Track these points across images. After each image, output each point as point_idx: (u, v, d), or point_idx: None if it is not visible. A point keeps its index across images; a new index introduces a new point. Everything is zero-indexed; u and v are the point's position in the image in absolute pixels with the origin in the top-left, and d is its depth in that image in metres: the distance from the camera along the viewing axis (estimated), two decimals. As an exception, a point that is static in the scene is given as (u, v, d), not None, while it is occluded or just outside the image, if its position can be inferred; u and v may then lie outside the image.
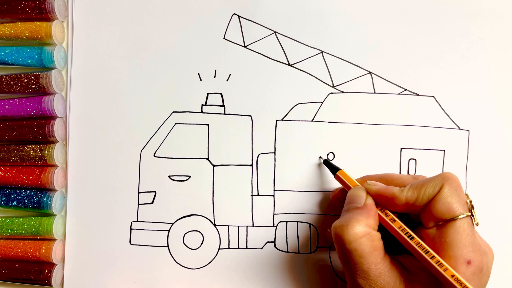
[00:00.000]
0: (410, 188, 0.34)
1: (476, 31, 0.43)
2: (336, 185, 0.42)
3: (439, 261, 0.31)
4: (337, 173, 0.39)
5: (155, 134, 0.43)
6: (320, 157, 0.42)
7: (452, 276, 0.30)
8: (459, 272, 0.31)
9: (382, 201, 0.35)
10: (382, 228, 0.35)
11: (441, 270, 0.31)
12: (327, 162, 0.42)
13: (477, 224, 0.33)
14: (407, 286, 0.33)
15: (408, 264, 0.34)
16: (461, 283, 0.30)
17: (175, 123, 0.43)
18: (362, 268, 0.33)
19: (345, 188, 0.39)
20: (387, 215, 0.35)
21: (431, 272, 0.32)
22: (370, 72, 0.43)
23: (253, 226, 0.43)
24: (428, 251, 0.32)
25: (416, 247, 0.32)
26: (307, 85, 0.43)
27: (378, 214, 0.35)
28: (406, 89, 0.43)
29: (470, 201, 0.34)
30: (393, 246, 0.35)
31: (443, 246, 0.32)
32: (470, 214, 0.33)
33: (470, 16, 0.44)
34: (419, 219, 0.35)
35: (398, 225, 0.34)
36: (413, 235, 0.33)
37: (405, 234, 0.33)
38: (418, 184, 0.34)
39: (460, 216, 0.32)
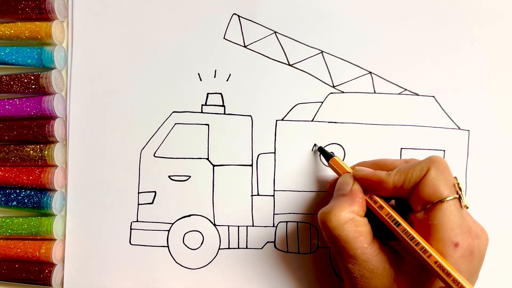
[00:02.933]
0: (397, 172, 0.34)
1: (476, 31, 0.43)
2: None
3: (423, 247, 0.31)
4: (330, 160, 0.39)
5: (155, 134, 0.43)
6: (315, 144, 0.42)
7: (435, 262, 0.31)
8: (447, 254, 0.31)
9: (370, 186, 0.35)
10: (373, 214, 0.35)
11: (424, 256, 0.31)
12: (321, 150, 0.41)
13: (466, 207, 0.33)
14: (396, 270, 0.33)
15: (398, 248, 0.35)
16: (443, 269, 0.30)
17: (175, 123, 0.43)
18: (349, 253, 0.33)
19: (338, 175, 0.39)
20: (375, 202, 0.35)
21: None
22: (370, 72, 0.43)
23: (253, 226, 0.43)
24: (413, 238, 0.32)
25: (401, 233, 0.33)
26: (307, 85, 0.43)
27: (366, 200, 0.35)
28: (406, 89, 0.43)
29: (458, 184, 0.33)
30: (386, 230, 0.35)
31: (431, 229, 0.32)
32: (457, 196, 0.33)
33: (470, 16, 0.44)
34: None
35: (385, 212, 0.34)
36: (400, 221, 0.33)
37: (392, 221, 0.33)
38: (405, 167, 0.34)
39: (447, 198, 0.32)
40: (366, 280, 0.33)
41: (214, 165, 0.43)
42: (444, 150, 0.43)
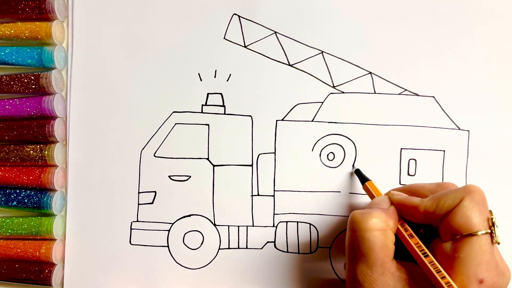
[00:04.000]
0: (430, 199, 0.33)
1: (476, 31, 0.43)
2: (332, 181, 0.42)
3: (449, 282, 0.30)
4: (366, 183, 0.40)
5: (155, 134, 0.43)
6: (353, 165, 0.43)
7: None
8: None
9: (403, 211, 0.35)
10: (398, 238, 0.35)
11: None
12: (358, 172, 0.42)
13: (498, 243, 0.32)
14: None
15: (415, 273, 0.33)
16: None
17: (175, 123, 0.43)
18: (368, 261, 0.32)
19: (370, 198, 0.39)
20: (406, 230, 0.34)
21: None
22: (370, 72, 0.43)
23: (253, 226, 0.43)
24: (440, 271, 0.31)
25: (428, 264, 0.32)
26: (307, 85, 0.43)
27: (398, 228, 0.35)
28: (406, 89, 0.43)
29: (492, 218, 0.32)
30: (406, 255, 0.34)
31: (457, 261, 0.31)
32: (489, 231, 0.31)
33: (470, 16, 0.44)
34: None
35: (415, 241, 0.33)
36: (428, 253, 0.32)
37: (420, 250, 0.33)
38: (439, 194, 0.33)
39: (478, 233, 0.31)
40: None
41: (214, 165, 0.43)
42: (444, 150, 0.43)
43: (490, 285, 0.31)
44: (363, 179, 0.41)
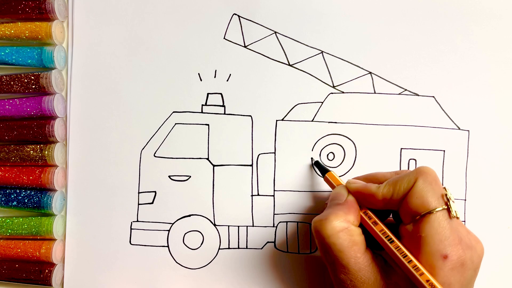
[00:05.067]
0: (386, 185, 0.34)
1: (476, 31, 0.43)
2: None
3: (416, 265, 0.31)
4: (326, 174, 0.40)
5: (155, 134, 0.43)
6: (311, 158, 0.43)
7: (427, 281, 0.30)
8: (436, 267, 0.31)
9: (362, 199, 0.35)
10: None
11: (416, 274, 0.31)
12: (317, 164, 0.42)
13: (456, 217, 0.32)
14: (386, 281, 0.33)
15: (388, 259, 0.34)
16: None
17: (175, 123, 0.43)
18: (341, 263, 0.33)
19: (332, 189, 0.39)
20: (370, 218, 0.35)
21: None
22: (370, 72, 0.43)
23: (253, 226, 0.43)
24: (406, 255, 0.32)
25: (395, 250, 0.32)
26: (307, 85, 0.43)
27: (361, 216, 0.35)
28: (406, 89, 0.43)
29: (446, 194, 0.33)
30: (377, 241, 0.35)
31: (420, 241, 0.32)
32: (446, 207, 0.32)
33: (470, 16, 0.44)
34: None
35: (379, 228, 0.34)
36: (393, 238, 0.33)
37: (385, 237, 0.33)
38: (394, 180, 0.34)
39: (435, 210, 0.32)
40: None
41: (214, 165, 0.43)
42: (444, 150, 0.43)
43: (455, 259, 0.31)
44: (324, 170, 0.40)
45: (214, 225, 0.43)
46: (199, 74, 0.43)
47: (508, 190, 0.43)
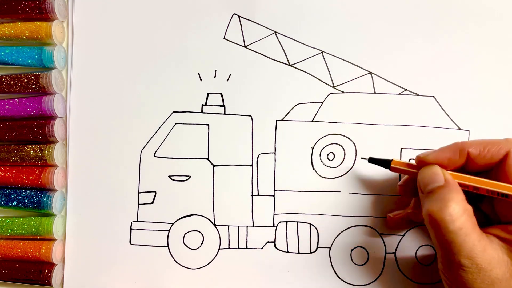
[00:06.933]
0: (472, 144, 0.35)
1: (476, 31, 0.43)
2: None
3: None
4: (392, 163, 0.38)
5: (155, 134, 0.43)
6: (362, 157, 0.42)
7: None
8: None
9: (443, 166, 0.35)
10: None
11: None
12: (374, 159, 0.40)
13: None
14: (509, 255, 0.32)
15: (500, 234, 0.33)
16: None
17: (175, 123, 0.43)
18: (467, 247, 0.31)
19: (408, 174, 0.38)
20: (467, 186, 0.34)
21: None
22: (370, 72, 0.43)
23: (253, 226, 0.43)
24: None
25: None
26: (307, 85, 0.43)
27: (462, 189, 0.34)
28: (406, 89, 0.43)
29: None
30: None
31: None
32: None
33: (470, 16, 0.44)
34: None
35: (484, 191, 0.34)
36: (502, 191, 0.33)
37: (497, 194, 0.33)
38: (481, 141, 0.35)
39: None
40: (485, 273, 0.31)
41: (214, 165, 0.43)
42: (444, 150, 0.43)
43: None
44: (385, 162, 0.39)
45: (214, 225, 0.43)
46: (199, 74, 0.43)
47: (508, 190, 0.43)
